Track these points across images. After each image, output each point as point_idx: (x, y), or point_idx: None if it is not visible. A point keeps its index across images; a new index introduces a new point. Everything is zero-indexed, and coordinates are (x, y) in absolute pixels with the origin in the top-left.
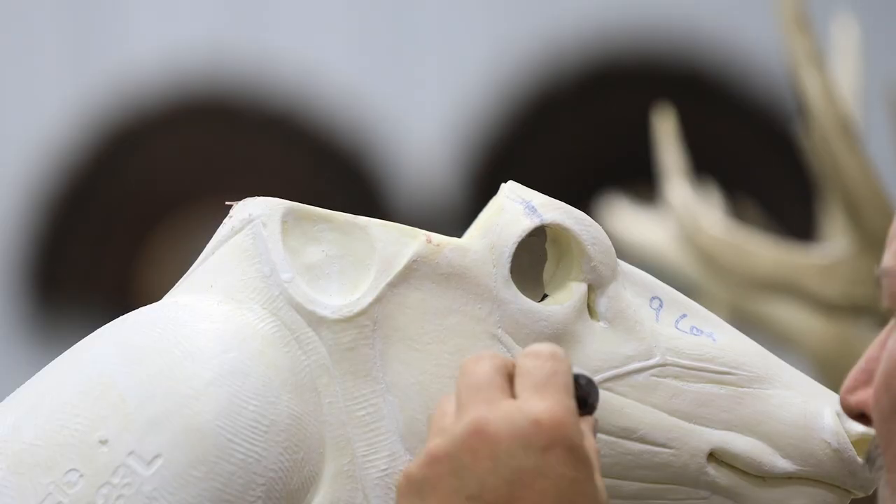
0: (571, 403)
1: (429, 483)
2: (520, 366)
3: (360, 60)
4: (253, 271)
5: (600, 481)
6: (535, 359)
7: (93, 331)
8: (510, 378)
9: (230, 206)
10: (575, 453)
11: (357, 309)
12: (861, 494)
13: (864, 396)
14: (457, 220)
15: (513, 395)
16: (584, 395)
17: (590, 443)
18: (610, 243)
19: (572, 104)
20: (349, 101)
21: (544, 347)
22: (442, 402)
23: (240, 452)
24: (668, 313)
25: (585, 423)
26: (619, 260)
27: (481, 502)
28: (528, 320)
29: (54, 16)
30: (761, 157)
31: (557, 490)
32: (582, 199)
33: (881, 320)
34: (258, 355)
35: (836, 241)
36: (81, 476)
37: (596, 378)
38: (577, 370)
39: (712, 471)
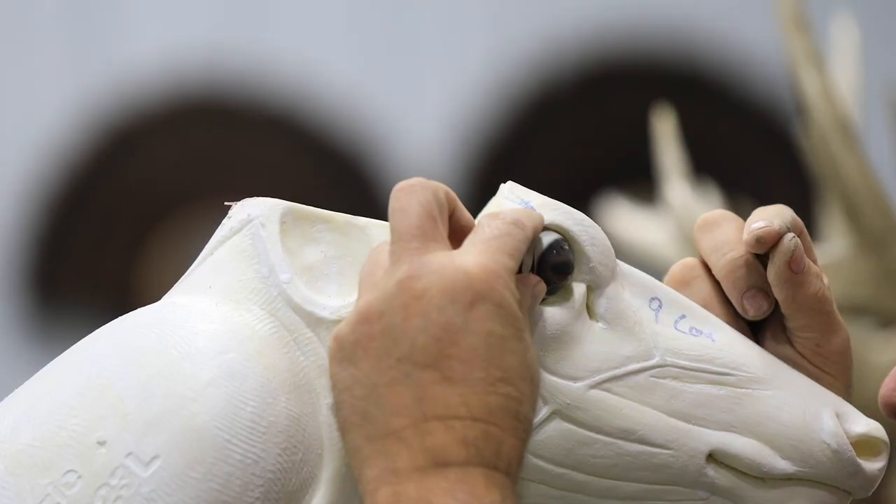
0: (508, 262)
1: (360, 346)
2: (478, 222)
3: (360, 60)
4: (251, 272)
5: (529, 339)
6: (494, 219)
7: (93, 331)
8: (444, 214)
9: (229, 207)
10: (503, 309)
11: None
12: (861, 495)
13: None
14: None
15: (447, 241)
16: (560, 262)
17: (523, 301)
18: (609, 244)
19: (572, 104)
20: (349, 101)
21: (510, 213)
22: (374, 253)
23: (238, 453)
24: (667, 314)
25: (526, 283)
26: (618, 261)
27: (412, 363)
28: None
29: (54, 16)
30: (761, 157)
31: (486, 347)
32: (581, 199)
33: (881, 321)
34: (256, 356)
35: (835, 242)
36: (80, 477)
37: (595, 379)
38: (553, 238)
39: (712, 472)
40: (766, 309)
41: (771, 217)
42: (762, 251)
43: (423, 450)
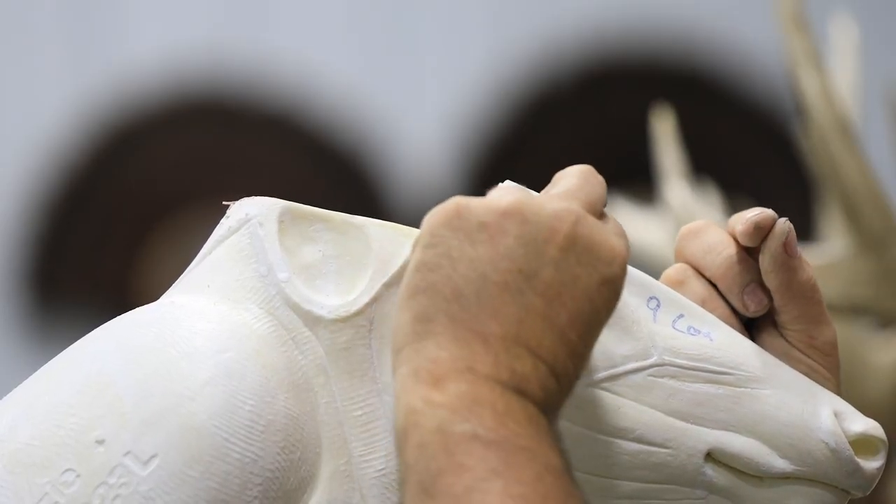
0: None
1: (487, 230)
2: (609, 214)
3: (360, 60)
4: (250, 271)
5: None
6: (613, 216)
7: (91, 331)
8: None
9: (228, 206)
10: (617, 300)
11: (354, 309)
12: (859, 494)
13: None
14: None
15: None
16: None
17: None
18: None
19: (571, 104)
20: (349, 101)
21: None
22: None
23: (236, 452)
24: (665, 313)
25: None
26: None
27: (530, 284)
28: None
29: (54, 16)
30: (760, 157)
31: (590, 320)
32: None
33: (881, 321)
34: (254, 355)
35: (834, 242)
36: (78, 476)
37: (593, 378)
38: None
39: (710, 471)
40: (766, 303)
41: (760, 210)
42: (759, 239)
43: (510, 369)
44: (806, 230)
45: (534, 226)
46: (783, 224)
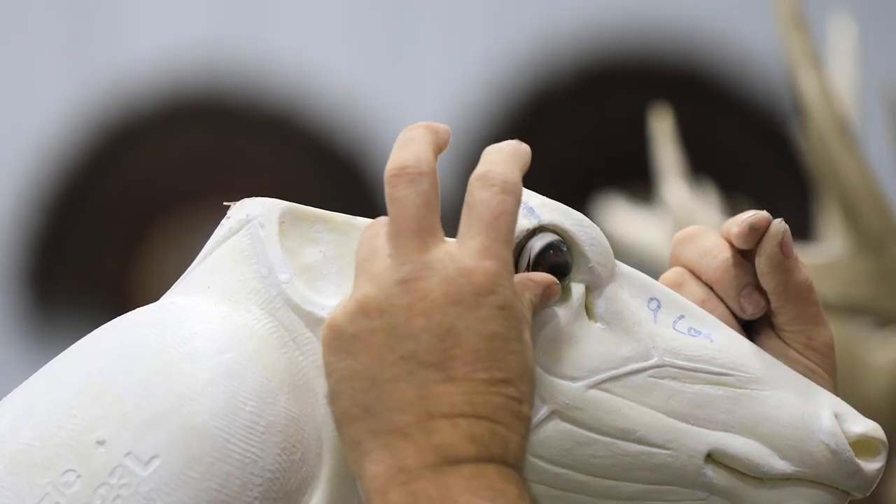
0: (507, 255)
1: (359, 339)
2: (470, 192)
3: (359, 60)
4: (250, 272)
5: (529, 338)
6: (483, 189)
7: (91, 331)
8: (438, 199)
9: (228, 207)
10: (504, 310)
11: None
12: (859, 495)
13: None
14: (455, 220)
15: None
16: (557, 263)
17: (523, 298)
18: (608, 245)
19: (570, 104)
20: (348, 101)
21: (497, 176)
22: (369, 237)
23: (237, 453)
24: (665, 314)
25: (539, 283)
26: (617, 261)
27: (416, 362)
28: None
29: (54, 16)
30: (759, 157)
31: (488, 349)
32: (579, 199)
33: (880, 321)
34: (255, 356)
35: (833, 242)
36: (79, 477)
37: (594, 379)
38: (550, 238)
39: (710, 472)
40: (763, 305)
41: (754, 212)
42: (755, 240)
43: (431, 447)
44: (804, 230)
45: (389, 312)
46: (779, 224)
